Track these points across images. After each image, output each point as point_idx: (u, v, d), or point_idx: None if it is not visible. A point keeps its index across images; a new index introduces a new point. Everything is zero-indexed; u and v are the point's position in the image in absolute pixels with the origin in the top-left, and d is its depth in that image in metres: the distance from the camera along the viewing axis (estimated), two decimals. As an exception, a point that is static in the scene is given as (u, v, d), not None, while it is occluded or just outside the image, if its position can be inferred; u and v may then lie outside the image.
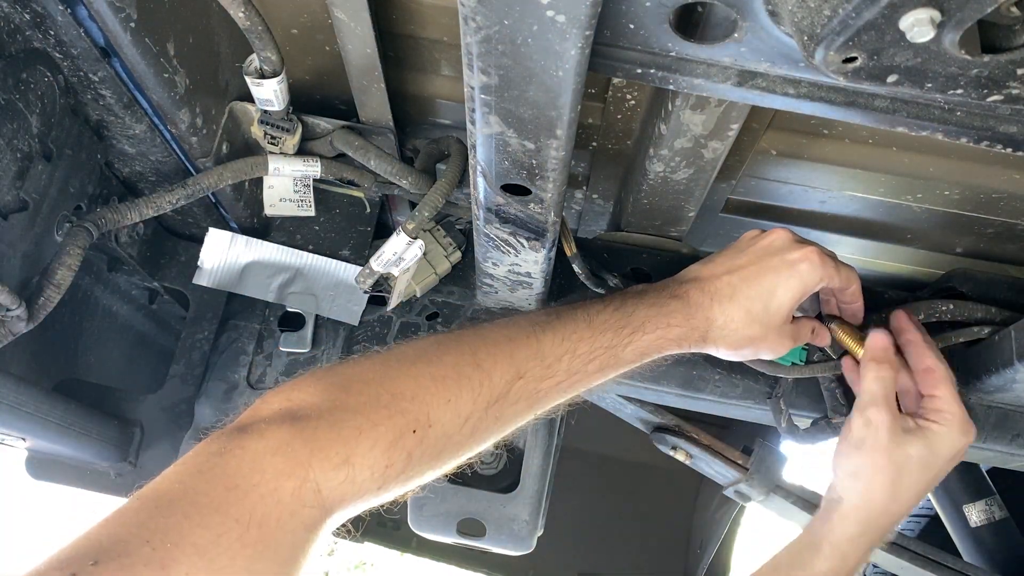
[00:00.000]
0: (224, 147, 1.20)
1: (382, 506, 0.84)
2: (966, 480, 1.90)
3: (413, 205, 1.34)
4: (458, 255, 1.37)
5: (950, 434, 1.05)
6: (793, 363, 1.19)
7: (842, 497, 1.07)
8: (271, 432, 0.75)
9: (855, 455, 1.06)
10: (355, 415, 0.80)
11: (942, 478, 1.09)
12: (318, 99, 1.28)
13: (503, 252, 1.09)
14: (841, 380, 1.21)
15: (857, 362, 1.13)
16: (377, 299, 1.37)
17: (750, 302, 1.00)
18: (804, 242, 1.05)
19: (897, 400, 1.09)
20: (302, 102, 1.25)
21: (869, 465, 1.05)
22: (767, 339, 1.02)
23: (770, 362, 1.18)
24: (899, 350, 1.13)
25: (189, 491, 0.70)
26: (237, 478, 0.71)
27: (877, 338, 1.10)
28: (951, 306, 1.20)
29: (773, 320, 1.01)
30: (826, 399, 1.24)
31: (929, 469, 1.05)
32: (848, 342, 1.13)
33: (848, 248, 1.43)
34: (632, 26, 0.69)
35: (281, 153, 1.24)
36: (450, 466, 0.89)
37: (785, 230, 1.06)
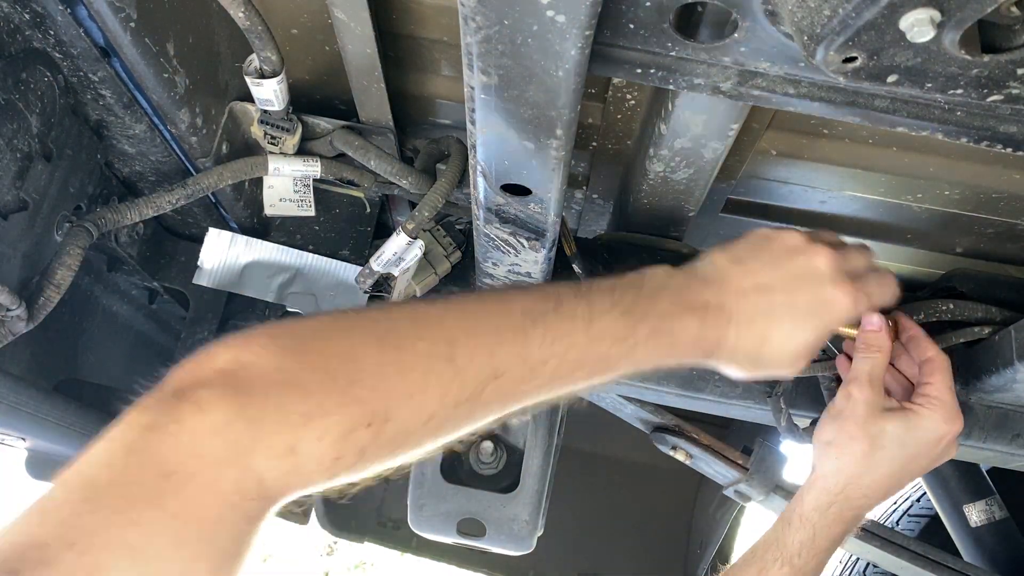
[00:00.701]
0: (224, 147, 1.20)
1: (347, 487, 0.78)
2: (966, 480, 1.90)
3: (413, 205, 1.34)
4: (458, 255, 1.37)
5: (932, 418, 1.05)
6: (793, 363, 1.19)
7: (815, 467, 1.08)
8: (211, 406, 0.67)
9: (831, 425, 1.08)
10: (305, 397, 0.71)
11: (925, 465, 1.07)
12: (318, 99, 1.28)
13: (503, 252, 1.09)
14: (841, 380, 1.21)
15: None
16: (377, 299, 1.37)
17: (765, 343, 0.92)
18: (846, 275, 0.94)
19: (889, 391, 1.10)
20: (302, 102, 1.25)
21: (843, 434, 1.06)
22: (773, 372, 0.95)
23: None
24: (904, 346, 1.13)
25: (118, 478, 0.63)
26: (173, 463, 0.64)
27: (871, 321, 1.08)
28: (951, 306, 1.20)
29: (784, 361, 0.94)
30: (826, 399, 1.23)
31: (905, 448, 1.04)
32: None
33: (848, 248, 1.43)
34: (632, 26, 0.69)
35: (281, 153, 1.23)
36: (410, 459, 0.81)
37: (829, 251, 0.95)
